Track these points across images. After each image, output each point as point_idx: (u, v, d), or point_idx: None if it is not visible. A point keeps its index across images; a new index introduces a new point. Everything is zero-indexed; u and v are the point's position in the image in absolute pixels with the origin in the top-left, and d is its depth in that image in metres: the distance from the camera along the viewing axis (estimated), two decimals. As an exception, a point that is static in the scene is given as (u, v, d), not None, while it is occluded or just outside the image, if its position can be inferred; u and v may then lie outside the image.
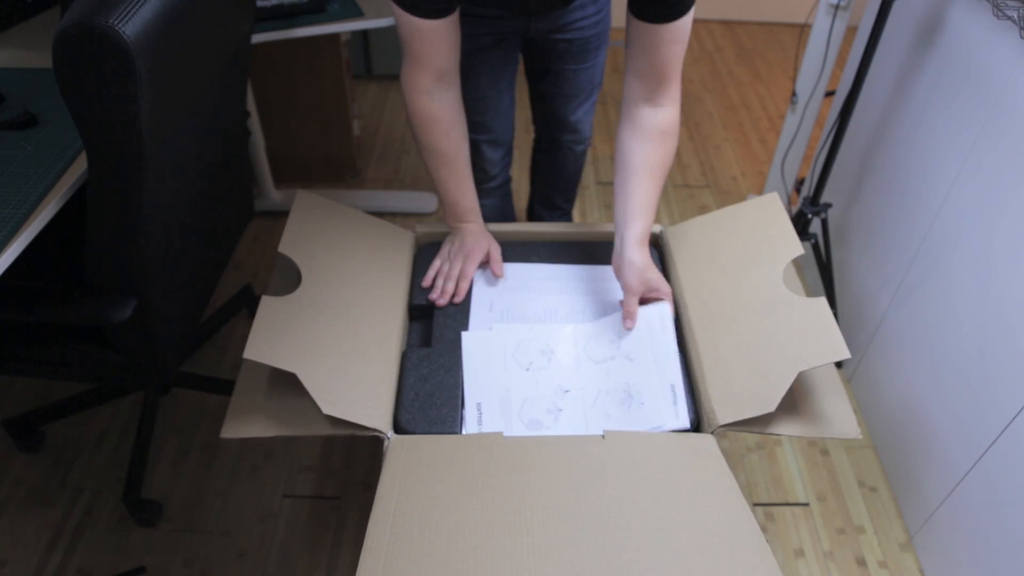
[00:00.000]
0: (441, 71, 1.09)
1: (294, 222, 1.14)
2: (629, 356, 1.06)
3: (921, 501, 1.39)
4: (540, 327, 1.12)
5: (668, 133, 1.11)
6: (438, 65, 1.08)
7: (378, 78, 2.83)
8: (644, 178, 1.10)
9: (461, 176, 1.19)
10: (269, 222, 2.15)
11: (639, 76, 1.09)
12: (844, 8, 1.69)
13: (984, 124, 1.24)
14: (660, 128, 1.10)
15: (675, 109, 1.11)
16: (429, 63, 1.08)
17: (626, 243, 1.10)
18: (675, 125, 1.11)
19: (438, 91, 1.11)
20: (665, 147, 1.11)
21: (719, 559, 0.80)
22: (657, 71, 1.06)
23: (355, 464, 1.54)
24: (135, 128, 0.90)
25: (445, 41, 1.07)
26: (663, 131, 1.10)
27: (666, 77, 1.07)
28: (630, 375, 1.04)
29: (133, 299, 1.09)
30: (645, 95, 1.09)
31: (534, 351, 1.09)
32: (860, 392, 1.65)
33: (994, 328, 1.19)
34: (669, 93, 1.09)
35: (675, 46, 1.04)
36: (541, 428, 1.00)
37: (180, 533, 1.41)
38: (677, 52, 1.05)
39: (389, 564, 0.79)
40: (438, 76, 1.10)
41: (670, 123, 1.10)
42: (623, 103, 1.14)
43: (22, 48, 1.41)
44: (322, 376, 0.93)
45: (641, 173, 1.10)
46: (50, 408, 1.51)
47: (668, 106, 1.10)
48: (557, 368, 1.07)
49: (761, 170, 2.42)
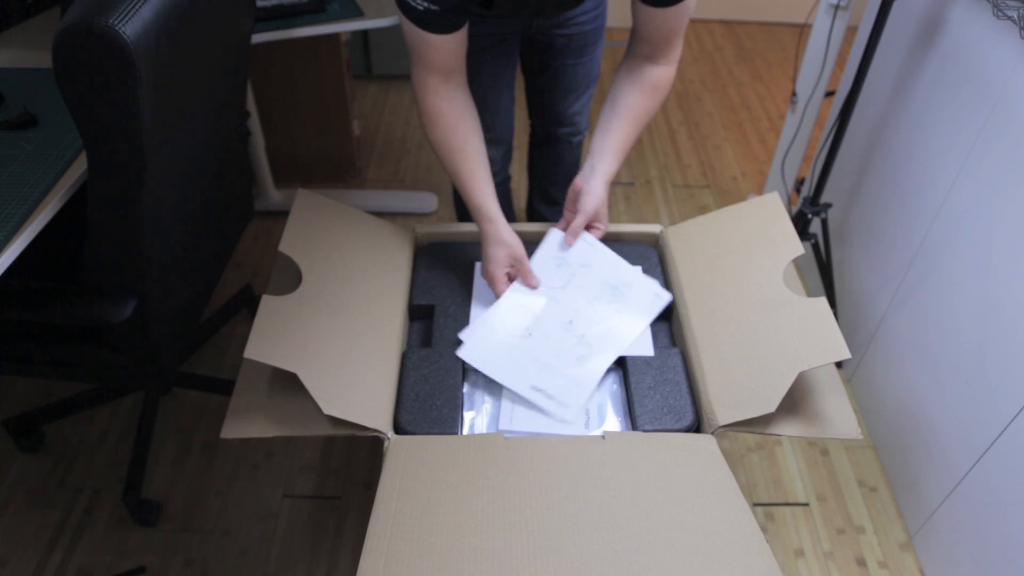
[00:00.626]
0: (449, 73, 1.10)
1: (294, 221, 1.14)
2: (583, 264, 1.18)
3: (921, 501, 1.39)
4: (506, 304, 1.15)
5: (659, 87, 1.16)
6: (445, 69, 1.10)
7: (378, 78, 2.83)
8: (625, 122, 1.16)
9: (472, 169, 1.15)
10: (269, 222, 2.15)
11: (644, 40, 1.13)
12: (844, 8, 1.69)
13: (984, 124, 1.24)
14: (652, 81, 1.15)
15: (672, 67, 1.16)
16: (437, 68, 1.09)
17: (596, 174, 1.16)
18: (668, 80, 1.17)
19: (446, 90, 1.11)
20: (653, 98, 1.17)
21: (719, 559, 0.80)
22: (661, 39, 1.11)
23: (355, 464, 1.54)
24: (135, 128, 0.90)
25: (453, 50, 1.08)
26: (654, 84, 1.16)
27: (669, 43, 1.12)
28: (600, 277, 1.16)
29: (133, 299, 1.09)
30: (646, 53, 1.14)
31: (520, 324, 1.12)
32: (860, 392, 1.65)
33: (994, 328, 1.19)
34: (671, 55, 1.14)
35: (679, 20, 1.09)
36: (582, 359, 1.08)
37: (180, 533, 1.41)
38: (681, 24, 1.10)
39: (389, 564, 0.79)
40: (446, 77, 1.11)
41: (664, 78, 1.16)
42: (625, 55, 1.18)
43: (22, 48, 1.41)
44: (323, 376, 0.93)
45: (625, 117, 1.16)
46: (50, 408, 1.51)
47: (665, 64, 1.15)
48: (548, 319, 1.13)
49: (761, 170, 2.41)
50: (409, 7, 1.01)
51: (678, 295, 1.16)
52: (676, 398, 1.03)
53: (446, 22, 1.03)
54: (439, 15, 1.02)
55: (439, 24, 1.03)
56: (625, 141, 1.17)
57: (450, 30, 1.05)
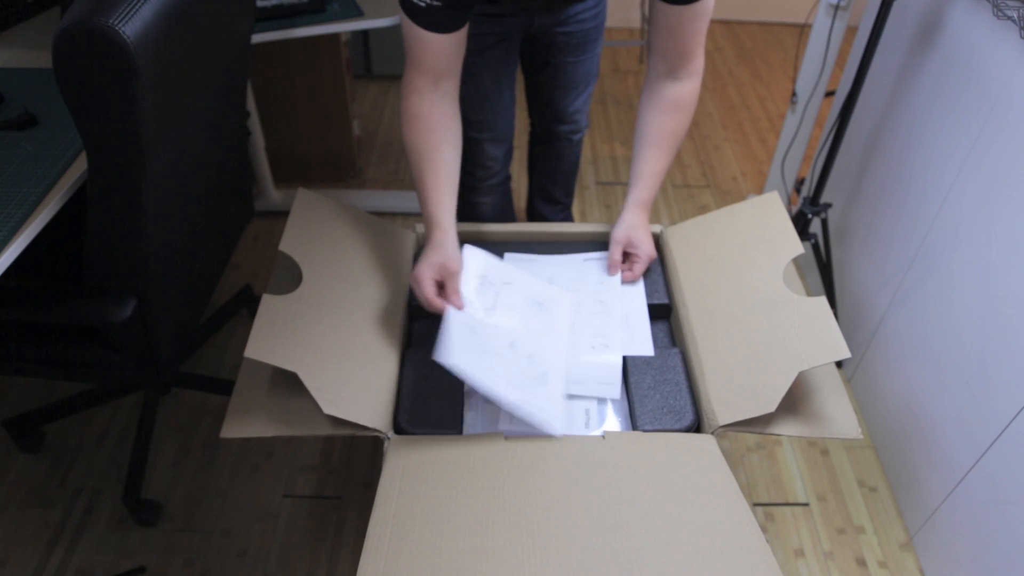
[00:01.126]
0: (439, 77, 1.09)
1: (295, 220, 1.14)
2: (505, 282, 1.14)
3: (921, 501, 1.39)
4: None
5: (682, 106, 1.15)
6: (436, 72, 1.08)
7: (378, 78, 2.83)
8: (651, 147, 1.17)
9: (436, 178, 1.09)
10: (269, 222, 2.15)
11: (662, 54, 1.12)
12: (844, 8, 1.69)
13: (984, 124, 1.24)
14: (675, 100, 1.15)
15: (694, 82, 1.15)
16: (428, 70, 1.08)
17: (627, 204, 1.19)
18: (692, 97, 1.15)
19: (432, 94, 1.10)
20: (677, 119, 1.16)
21: (719, 559, 0.80)
22: (680, 48, 1.10)
23: (355, 464, 1.54)
24: (135, 128, 0.90)
25: (448, 53, 1.07)
26: (677, 103, 1.15)
27: (688, 52, 1.11)
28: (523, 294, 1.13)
29: (133, 299, 1.09)
30: (666, 70, 1.14)
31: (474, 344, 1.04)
32: (860, 392, 1.65)
33: (994, 327, 1.19)
34: (690, 67, 1.13)
35: (697, 23, 1.07)
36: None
37: (180, 533, 1.41)
38: (700, 28, 1.08)
39: (390, 564, 0.79)
40: (435, 81, 1.09)
41: (687, 95, 1.15)
42: (646, 77, 1.18)
43: (22, 48, 1.41)
44: (323, 376, 0.93)
45: (650, 142, 1.17)
46: (50, 408, 1.51)
47: (687, 79, 1.14)
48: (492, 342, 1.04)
49: (761, 170, 2.41)
50: (411, 3, 1.01)
51: (678, 295, 1.16)
52: (676, 398, 1.02)
53: (447, 20, 1.03)
54: (441, 11, 1.01)
55: (440, 22, 1.02)
56: (653, 165, 1.16)
57: (450, 29, 1.04)
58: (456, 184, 1.12)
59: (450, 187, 1.10)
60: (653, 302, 1.17)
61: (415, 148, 1.10)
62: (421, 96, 1.09)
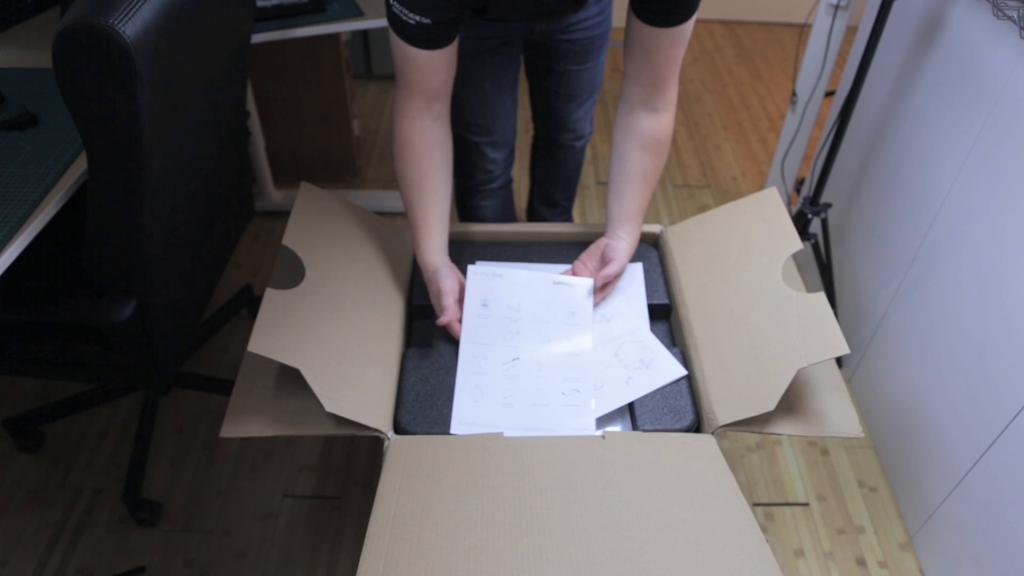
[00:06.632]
0: (432, 98, 1.08)
1: (298, 215, 1.14)
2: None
3: (921, 501, 1.39)
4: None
5: (662, 143, 1.15)
6: (428, 94, 1.08)
7: (378, 78, 2.83)
8: (638, 185, 1.16)
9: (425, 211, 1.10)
10: (269, 222, 2.15)
11: (637, 80, 1.11)
12: (844, 8, 1.69)
13: (984, 124, 1.24)
14: (656, 136, 1.14)
15: (670, 115, 1.14)
16: (419, 91, 1.07)
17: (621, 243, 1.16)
18: (670, 132, 1.15)
19: (424, 118, 1.09)
20: (657, 157, 1.16)
21: (719, 559, 0.80)
22: (655, 74, 1.08)
23: (355, 464, 1.54)
24: (135, 128, 0.90)
25: (440, 71, 1.06)
26: (658, 140, 1.14)
27: (664, 80, 1.09)
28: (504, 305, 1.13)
29: (133, 299, 1.09)
30: (642, 99, 1.12)
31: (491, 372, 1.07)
32: (860, 392, 1.65)
33: (995, 327, 1.19)
34: (665, 97, 1.11)
35: (675, 50, 1.06)
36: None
37: (180, 533, 1.41)
38: (676, 55, 1.07)
39: (390, 564, 0.79)
40: (428, 103, 1.09)
41: (665, 131, 1.14)
42: (620, 104, 1.16)
43: (22, 48, 1.41)
44: (325, 374, 0.93)
45: (636, 180, 1.16)
46: (50, 408, 1.51)
47: (664, 111, 1.13)
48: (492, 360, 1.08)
49: (761, 170, 2.41)
50: (400, 21, 1.00)
51: (678, 295, 1.16)
52: (676, 398, 1.03)
53: (436, 36, 1.02)
54: (430, 28, 1.00)
55: (429, 38, 1.01)
56: (643, 202, 1.17)
57: (440, 44, 1.03)
58: (446, 212, 1.14)
59: (439, 218, 1.12)
60: (653, 302, 1.17)
61: (405, 178, 1.12)
62: (414, 121, 1.09)
